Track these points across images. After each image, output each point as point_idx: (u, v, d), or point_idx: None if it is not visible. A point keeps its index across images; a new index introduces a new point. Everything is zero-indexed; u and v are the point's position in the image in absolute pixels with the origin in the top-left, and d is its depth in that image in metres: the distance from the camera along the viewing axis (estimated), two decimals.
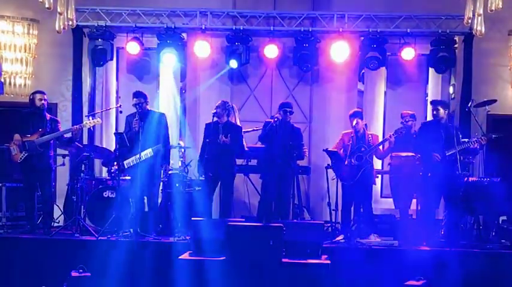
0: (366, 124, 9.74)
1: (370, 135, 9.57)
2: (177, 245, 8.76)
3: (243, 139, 9.82)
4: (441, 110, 9.15)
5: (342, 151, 9.47)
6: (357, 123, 9.42)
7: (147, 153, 9.31)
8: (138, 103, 9.47)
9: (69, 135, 9.57)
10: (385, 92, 11.51)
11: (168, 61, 10.92)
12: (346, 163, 9.19)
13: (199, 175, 9.72)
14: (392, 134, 9.33)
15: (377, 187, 10.42)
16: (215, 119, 9.52)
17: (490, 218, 9.67)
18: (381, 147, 9.52)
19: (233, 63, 10.86)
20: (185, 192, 9.92)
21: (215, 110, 9.59)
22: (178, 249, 8.51)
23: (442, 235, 9.30)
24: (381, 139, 9.74)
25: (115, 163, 9.67)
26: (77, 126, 9.65)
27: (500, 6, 8.30)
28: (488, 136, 8.99)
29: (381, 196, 11.00)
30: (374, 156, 9.59)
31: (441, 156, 8.91)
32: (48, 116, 9.56)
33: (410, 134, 9.56)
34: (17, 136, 9.29)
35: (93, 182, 10.06)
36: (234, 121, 9.82)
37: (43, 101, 9.45)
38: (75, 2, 9.23)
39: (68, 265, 8.52)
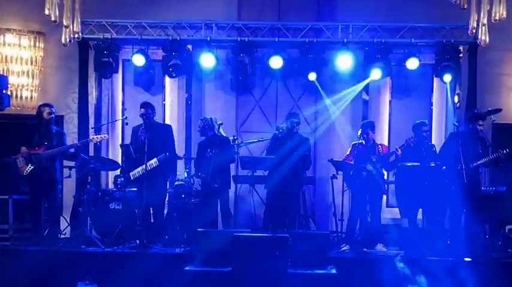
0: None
1: (380, 146, 9.58)
2: (183, 257, 8.78)
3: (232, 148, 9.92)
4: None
5: (352, 161, 9.46)
6: (367, 134, 9.42)
7: (152, 163, 9.35)
8: (145, 114, 9.54)
9: (72, 150, 9.58)
10: (390, 102, 11.52)
11: (174, 73, 10.97)
12: (352, 173, 9.14)
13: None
14: (399, 147, 9.34)
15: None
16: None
17: (497, 227, 9.65)
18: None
19: None
20: (191, 203, 9.95)
21: (199, 128, 9.86)
22: (185, 260, 8.51)
23: (448, 244, 9.32)
24: (390, 150, 9.74)
25: (120, 174, 9.72)
26: (82, 142, 9.69)
27: (505, 16, 8.31)
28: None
29: (387, 206, 10.98)
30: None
31: (466, 167, 8.89)
32: (54, 128, 9.61)
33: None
34: (23, 149, 9.32)
35: (99, 193, 10.08)
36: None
37: (52, 115, 9.49)
38: (81, 15, 9.26)
39: (74, 277, 8.57)
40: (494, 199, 9.52)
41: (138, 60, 10.94)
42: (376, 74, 10.74)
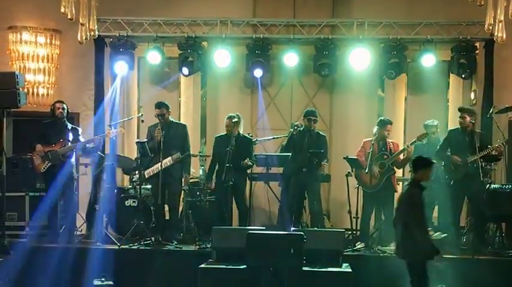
0: None
1: (391, 143, 9.53)
2: (198, 254, 8.82)
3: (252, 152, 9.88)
4: (467, 118, 9.17)
5: (363, 158, 9.43)
6: (387, 131, 9.42)
7: (167, 161, 9.36)
8: (160, 114, 9.53)
9: (92, 145, 9.62)
10: (406, 99, 11.47)
11: (188, 70, 10.99)
12: (366, 171, 9.13)
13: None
14: (410, 144, 9.32)
15: (398, 194, 10.36)
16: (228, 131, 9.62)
17: None
18: (401, 156, 9.44)
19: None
20: (206, 200, 9.97)
21: (239, 120, 9.68)
22: (200, 257, 8.53)
23: (464, 242, 9.29)
24: (401, 147, 9.70)
25: (136, 172, 9.74)
26: (99, 136, 9.73)
27: None
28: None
29: None
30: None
31: (463, 163, 8.93)
32: (69, 125, 9.66)
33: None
34: (39, 147, 9.40)
35: (115, 191, 10.13)
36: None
37: (60, 110, 9.55)
38: (97, 13, 9.29)
39: (90, 274, 8.61)
40: (509, 197, 9.42)
41: (154, 57, 10.97)
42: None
